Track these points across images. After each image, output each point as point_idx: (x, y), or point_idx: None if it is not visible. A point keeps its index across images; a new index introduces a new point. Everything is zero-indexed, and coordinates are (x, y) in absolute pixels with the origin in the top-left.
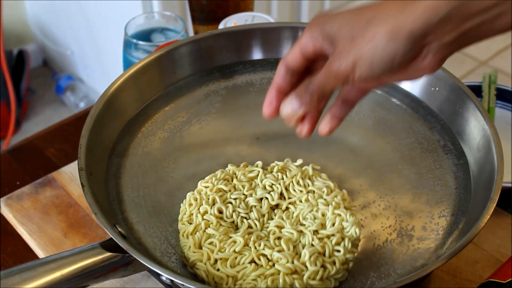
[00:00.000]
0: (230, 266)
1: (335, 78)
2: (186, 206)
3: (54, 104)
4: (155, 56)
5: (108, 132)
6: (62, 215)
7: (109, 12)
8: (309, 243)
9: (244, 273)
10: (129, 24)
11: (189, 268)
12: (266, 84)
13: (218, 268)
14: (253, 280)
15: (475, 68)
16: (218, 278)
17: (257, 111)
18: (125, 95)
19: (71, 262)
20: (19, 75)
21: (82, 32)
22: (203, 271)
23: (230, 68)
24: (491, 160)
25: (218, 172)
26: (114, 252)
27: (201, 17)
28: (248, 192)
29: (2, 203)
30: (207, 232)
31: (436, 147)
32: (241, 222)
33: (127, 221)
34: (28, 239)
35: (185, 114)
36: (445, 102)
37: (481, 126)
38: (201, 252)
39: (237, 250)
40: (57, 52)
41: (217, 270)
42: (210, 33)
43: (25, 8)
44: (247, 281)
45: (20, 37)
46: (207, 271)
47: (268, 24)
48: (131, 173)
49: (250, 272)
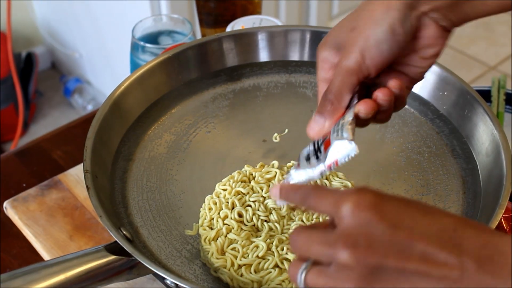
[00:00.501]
0: (254, 271)
1: (348, 72)
2: (206, 211)
3: (62, 106)
4: (162, 58)
5: (114, 134)
6: (68, 218)
7: (117, 14)
8: None
9: (268, 278)
10: (136, 26)
11: (213, 272)
12: (273, 88)
13: (242, 274)
14: (278, 284)
15: (484, 73)
16: (243, 283)
17: (264, 115)
18: (131, 98)
19: (76, 265)
20: (27, 78)
21: (90, 35)
22: (228, 276)
23: (237, 71)
24: (500, 165)
25: (235, 173)
26: (119, 255)
27: (209, 20)
28: (266, 194)
29: (8, 205)
30: (229, 237)
31: (444, 151)
32: (262, 225)
33: (132, 224)
34: (33, 242)
35: (192, 117)
36: (454, 106)
37: (490, 131)
38: (225, 258)
39: (260, 255)
40: (65, 54)
41: (241, 276)
42: (217, 36)
43: (33, 11)
44: (272, 285)
45: (29, 40)
46: (231, 276)
47: (276, 27)
48: (137, 177)
49: (274, 277)
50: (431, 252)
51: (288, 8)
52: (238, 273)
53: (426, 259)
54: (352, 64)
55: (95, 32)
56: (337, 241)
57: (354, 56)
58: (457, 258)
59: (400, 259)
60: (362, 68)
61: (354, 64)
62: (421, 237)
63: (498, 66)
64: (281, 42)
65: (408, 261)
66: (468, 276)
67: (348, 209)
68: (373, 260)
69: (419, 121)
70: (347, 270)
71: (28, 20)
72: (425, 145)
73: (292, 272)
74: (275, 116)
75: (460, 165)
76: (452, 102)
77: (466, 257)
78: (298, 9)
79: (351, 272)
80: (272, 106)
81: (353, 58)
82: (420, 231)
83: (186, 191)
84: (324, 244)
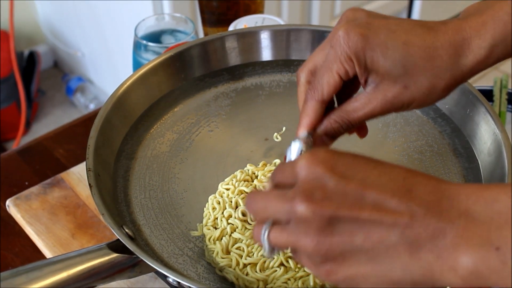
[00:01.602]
0: (259, 270)
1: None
2: (209, 210)
3: (64, 105)
4: (164, 57)
5: (116, 133)
6: (70, 216)
7: (119, 14)
8: None
9: (274, 276)
10: (139, 25)
11: (218, 271)
12: (275, 87)
13: (247, 273)
14: (284, 283)
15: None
16: (249, 282)
17: (267, 114)
18: (134, 96)
19: (78, 263)
20: (29, 76)
21: (93, 34)
22: (233, 275)
23: (239, 70)
24: (502, 165)
25: (238, 173)
26: (121, 253)
27: (212, 19)
28: None
29: (11, 203)
30: (234, 237)
31: (446, 150)
32: None
33: (134, 222)
34: (36, 240)
35: (195, 116)
36: (456, 105)
37: (492, 130)
38: (230, 257)
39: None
40: (67, 53)
41: (246, 275)
42: (219, 35)
43: (36, 10)
44: (277, 284)
45: (31, 39)
46: (237, 275)
47: (278, 26)
48: (139, 175)
49: (280, 275)
50: (382, 201)
51: (291, 7)
52: (244, 272)
53: (378, 208)
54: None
55: (97, 31)
56: (294, 196)
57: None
58: (406, 204)
59: (353, 209)
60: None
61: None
62: (373, 186)
63: (500, 66)
64: (283, 41)
65: (361, 210)
66: (417, 220)
67: (302, 166)
68: (328, 211)
69: (421, 120)
70: (305, 223)
71: (30, 19)
72: (427, 144)
73: (256, 234)
74: (277, 115)
75: (462, 164)
76: (454, 101)
77: (415, 203)
78: (300, 9)
79: (309, 225)
80: (275, 105)
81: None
82: (371, 181)
83: (188, 190)
84: (282, 201)
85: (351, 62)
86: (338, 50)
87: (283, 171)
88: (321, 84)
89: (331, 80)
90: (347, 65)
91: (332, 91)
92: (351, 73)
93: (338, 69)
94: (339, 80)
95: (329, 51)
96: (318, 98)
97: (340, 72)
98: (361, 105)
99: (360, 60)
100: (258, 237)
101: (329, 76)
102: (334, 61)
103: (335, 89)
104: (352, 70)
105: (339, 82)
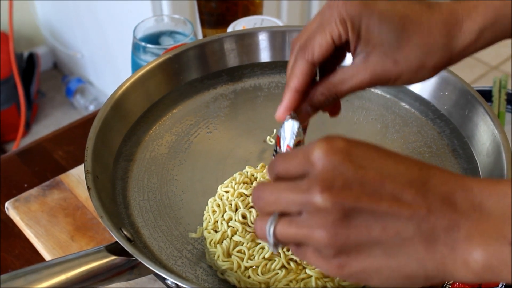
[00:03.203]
0: (261, 273)
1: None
2: (209, 214)
3: (64, 107)
4: (163, 59)
5: (115, 135)
6: (69, 218)
7: (119, 15)
8: None
9: (276, 279)
10: (138, 27)
11: (219, 274)
12: (274, 88)
13: (249, 275)
14: (286, 285)
15: (485, 73)
16: (251, 285)
17: (265, 115)
18: (132, 98)
19: (76, 265)
20: (29, 78)
21: (92, 35)
22: (235, 278)
23: (238, 71)
24: (501, 166)
25: (237, 175)
26: (120, 256)
27: (211, 21)
28: None
29: (10, 205)
30: (234, 240)
31: (445, 151)
32: None
33: (133, 224)
34: (35, 242)
35: (193, 117)
36: (454, 106)
37: (491, 131)
38: (231, 260)
39: (266, 256)
40: (67, 55)
41: (248, 277)
42: (218, 36)
43: (35, 11)
44: (280, 286)
45: (31, 40)
46: (239, 278)
47: (277, 28)
48: (138, 177)
49: (282, 278)
50: (400, 192)
51: (290, 8)
52: (245, 275)
53: (396, 199)
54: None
55: (97, 33)
56: (311, 186)
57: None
58: (423, 195)
59: (372, 200)
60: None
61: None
62: (390, 177)
63: (500, 66)
64: (282, 43)
65: (379, 202)
66: (433, 213)
67: (320, 154)
68: (348, 202)
69: (420, 121)
70: (321, 214)
71: (30, 21)
72: (426, 145)
73: (260, 227)
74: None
75: (461, 165)
76: (453, 102)
77: (431, 194)
78: (299, 10)
79: (325, 216)
80: (273, 107)
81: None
82: (388, 171)
83: (187, 192)
84: (295, 192)
85: (345, 25)
86: (335, 11)
87: (288, 161)
88: (313, 45)
89: (323, 41)
90: (341, 27)
91: (323, 53)
92: (344, 37)
93: (331, 30)
94: (331, 42)
95: (326, 11)
96: (308, 58)
97: (333, 34)
98: (349, 76)
99: (354, 25)
100: (263, 231)
101: (321, 37)
102: (329, 22)
103: (326, 52)
104: (345, 35)
105: (331, 45)
